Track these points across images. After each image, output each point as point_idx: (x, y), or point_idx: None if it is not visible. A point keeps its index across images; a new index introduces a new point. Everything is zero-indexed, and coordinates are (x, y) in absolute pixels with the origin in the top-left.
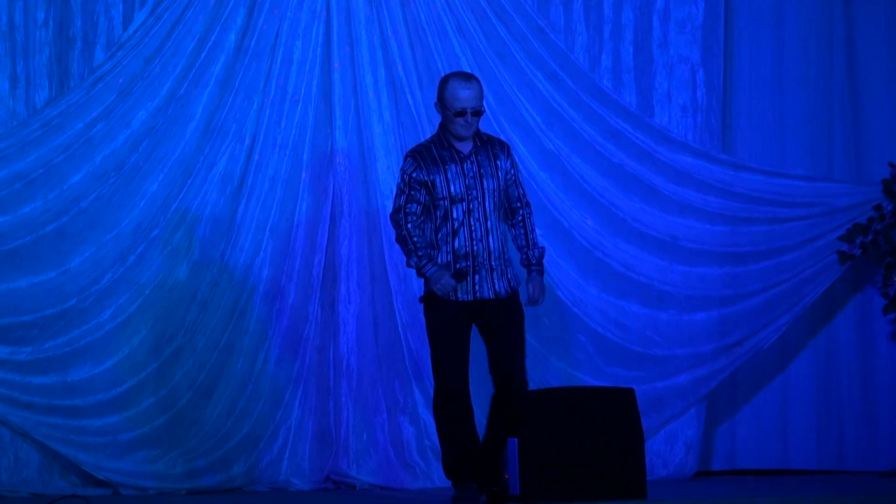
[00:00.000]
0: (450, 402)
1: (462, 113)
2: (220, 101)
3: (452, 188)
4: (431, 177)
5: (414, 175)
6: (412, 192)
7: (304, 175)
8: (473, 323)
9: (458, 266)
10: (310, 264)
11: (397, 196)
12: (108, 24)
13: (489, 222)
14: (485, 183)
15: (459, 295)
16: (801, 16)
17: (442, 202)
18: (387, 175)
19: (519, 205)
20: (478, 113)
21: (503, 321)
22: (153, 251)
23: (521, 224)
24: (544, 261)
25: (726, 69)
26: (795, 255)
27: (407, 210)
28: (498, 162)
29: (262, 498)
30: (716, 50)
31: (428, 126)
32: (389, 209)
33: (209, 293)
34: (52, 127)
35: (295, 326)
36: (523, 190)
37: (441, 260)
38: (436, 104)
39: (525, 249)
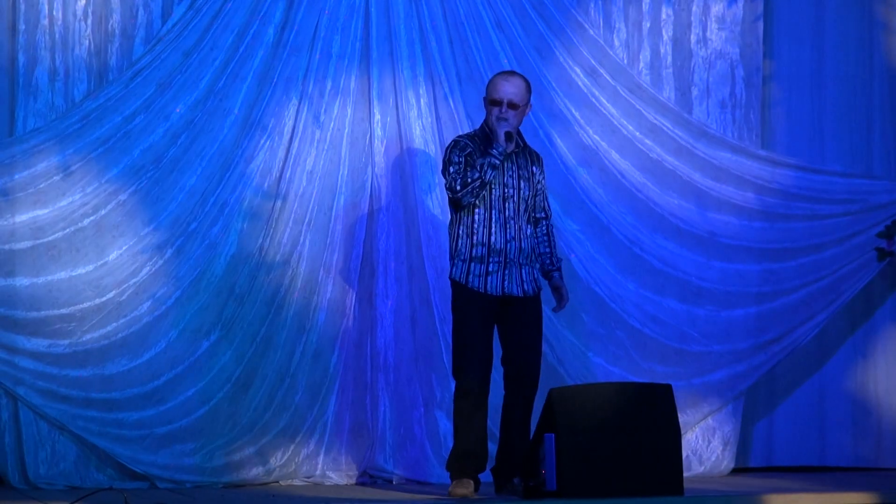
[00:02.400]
0: (472, 401)
1: (498, 102)
2: (259, 95)
3: (492, 183)
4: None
5: (467, 152)
6: (463, 162)
7: (342, 170)
8: (496, 322)
9: (488, 263)
10: (347, 258)
11: (446, 170)
12: (147, 17)
13: (521, 222)
14: (521, 185)
15: (489, 289)
16: (840, 11)
17: (481, 194)
18: (425, 169)
19: (543, 214)
20: (513, 106)
21: (525, 321)
22: (191, 245)
23: (546, 233)
24: (581, 256)
25: (765, 65)
26: (834, 251)
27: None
28: (533, 168)
29: (298, 491)
30: (755, 46)
31: (467, 121)
32: (430, 199)
33: (247, 287)
34: (91, 120)
35: (332, 321)
36: (548, 202)
37: (475, 252)
38: (484, 99)
39: (548, 255)
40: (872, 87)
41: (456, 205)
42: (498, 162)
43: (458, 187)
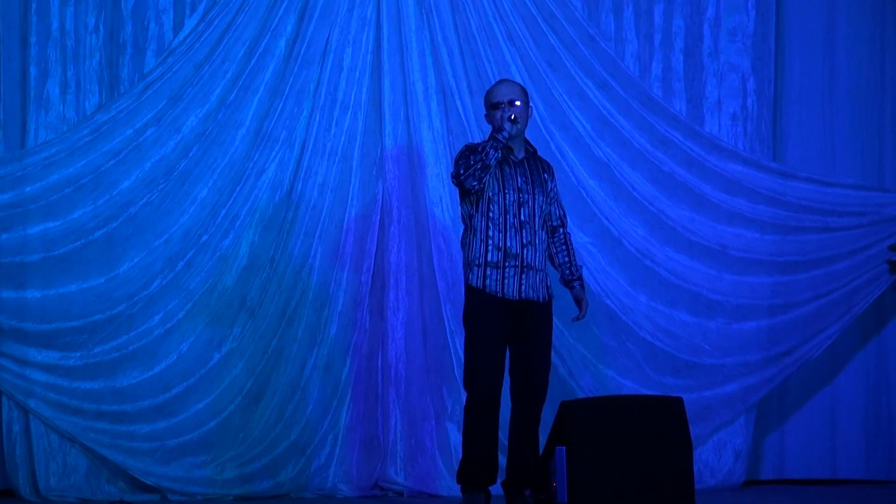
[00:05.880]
0: (483, 412)
1: (499, 105)
2: (270, 108)
3: (507, 188)
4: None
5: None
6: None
7: (353, 182)
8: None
9: (504, 267)
10: (359, 271)
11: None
12: (159, 29)
13: (536, 227)
14: (535, 190)
15: (506, 292)
16: (852, 24)
17: (496, 199)
18: (436, 182)
19: (559, 222)
20: (513, 103)
21: (537, 331)
22: (202, 257)
23: (564, 241)
24: (593, 268)
25: (777, 77)
26: (845, 264)
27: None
28: (545, 175)
29: None
30: (766, 58)
31: (478, 133)
32: (441, 212)
33: (258, 299)
34: (102, 133)
35: (343, 333)
36: (563, 210)
37: (490, 258)
38: (485, 116)
39: (567, 265)
40: (884, 99)
41: (463, 195)
42: (499, 144)
43: (462, 171)
